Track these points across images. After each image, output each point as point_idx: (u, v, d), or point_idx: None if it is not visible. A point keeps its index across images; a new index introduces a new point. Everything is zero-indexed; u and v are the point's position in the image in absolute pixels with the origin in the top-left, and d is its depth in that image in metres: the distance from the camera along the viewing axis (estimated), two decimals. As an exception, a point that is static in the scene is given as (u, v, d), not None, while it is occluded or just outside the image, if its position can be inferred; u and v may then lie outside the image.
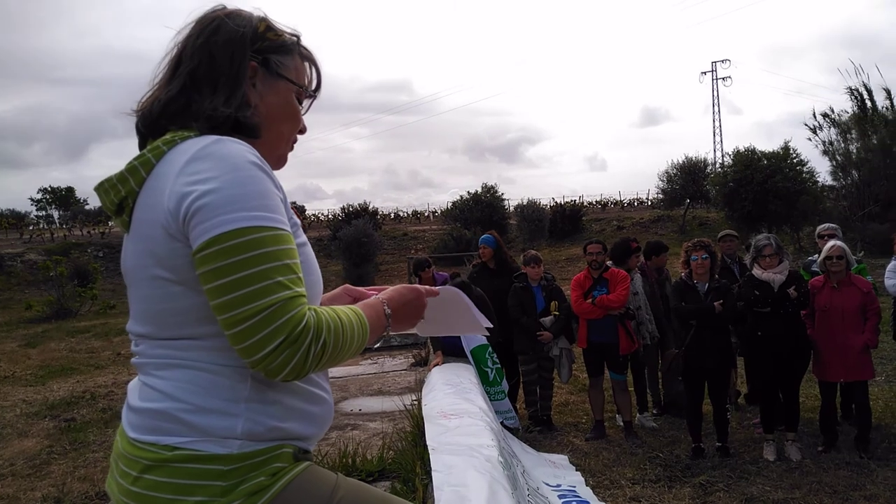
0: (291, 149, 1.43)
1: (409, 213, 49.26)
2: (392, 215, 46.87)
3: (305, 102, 1.42)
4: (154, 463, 1.14)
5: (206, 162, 1.14)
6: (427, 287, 1.47)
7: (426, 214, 48.29)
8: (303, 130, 1.43)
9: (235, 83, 1.28)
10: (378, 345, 8.08)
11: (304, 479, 1.22)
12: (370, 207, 37.30)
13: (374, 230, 30.31)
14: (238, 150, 1.17)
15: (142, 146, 1.29)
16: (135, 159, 1.24)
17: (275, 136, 1.35)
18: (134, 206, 1.23)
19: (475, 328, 1.60)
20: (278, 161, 1.39)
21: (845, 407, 5.79)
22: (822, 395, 5.32)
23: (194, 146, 1.17)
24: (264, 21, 1.34)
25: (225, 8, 1.33)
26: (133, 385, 1.27)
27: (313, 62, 1.42)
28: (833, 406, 5.34)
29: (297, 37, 1.38)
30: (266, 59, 1.32)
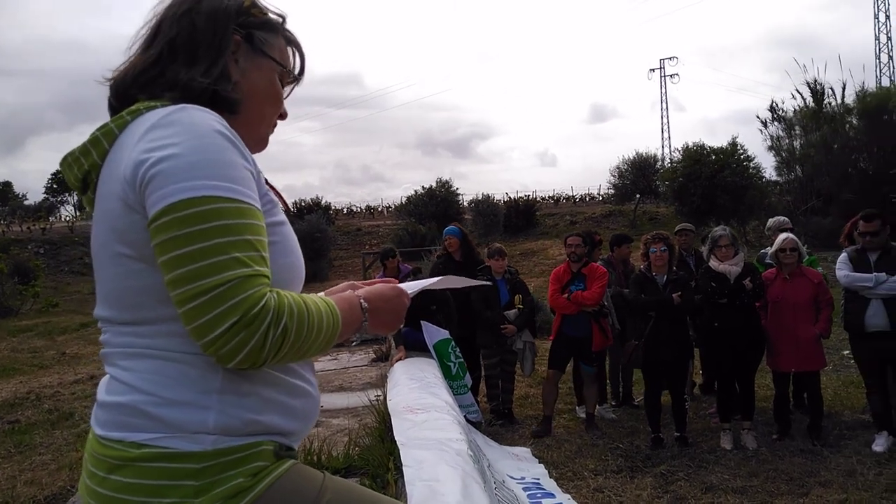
0: (271, 132, 1.37)
1: (363, 208, 48.96)
2: (345, 210, 46.51)
3: (287, 87, 1.37)
4: (121, 462, 1.06)
5: (168, 129, 1.07)
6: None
7: (380, 209, 48.05)
8: (283, 115, 1.37)
9: (216, 54, 1.21)
10: (355, 342, 8.00)
11: (288, 479, 1.15)
12: (322, 202, 36.95)
13: (328, 225, 30.03)
14: (203, 117, 1.10)
15: None
16: (97, 130, 1.17)
17: (256, 115, 1.28)
18: (98, 181, 1.16)
19: (469, 283, 1.82)
20: (259, 142, 1.33)
21: (797, 396, 5.96)
22: (776, 385, 5.45)
23: (158, 114, 1.10)
24: None
25: None
26: (103, 379, 1.19)
27: (297, 46, 1.36)
28: (786, 395, 5.49)
29: (283, 18, 1.33)
30: (250, 35, 1.26)
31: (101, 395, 1.16)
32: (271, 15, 1.31)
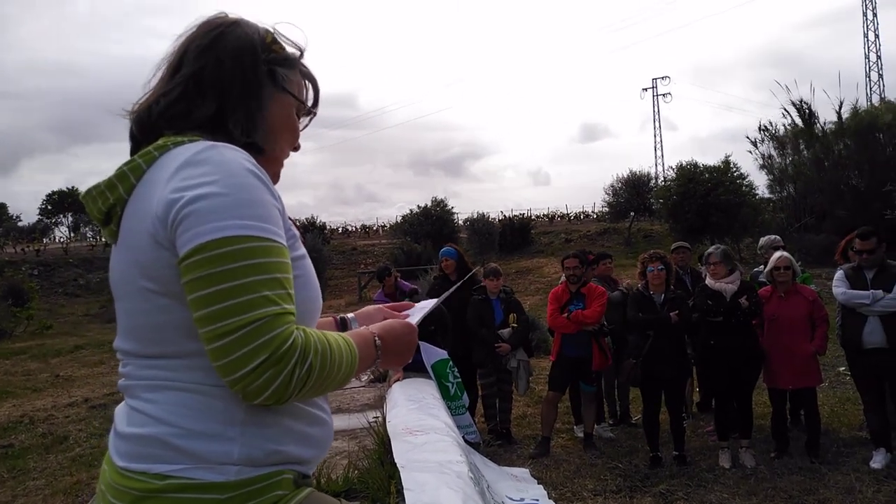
0: (283, 166, 1.39)
1: (358, 227, 48.90)
2: (340, 230, 46.44)
3: (303, 120, 1.39)
4: (145, 493, 1.07)
5: (200, 167, 1.08)
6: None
7: (375, 228, 48.03)
8: (297, 148, 1.39)
9: (253, 104, 1.24)
10: (365, 378, 7.99)
11: None
12: (318, 222, 36.94)
13: (323, 245, 30.01)
14: (234, 156, 1.12)
15: (134, 152, 1.22)
16: (124, 165, 1.18)
17: (277, 150, 1.31)
18: (122, 215, 1.17)
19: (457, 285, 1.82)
20: (273, 178, 1.35)
21: (794, 413, 5.96)
22: (773, 403, 5.47)
23: (188, 151, 1.12)
24: (270, 33, 1.30)
25: (228, 16, 1.28)
26: (120, 409, 1.20)
27: (312, 80, 1.38)
28: (783, 413, 5.49)
29: (301, 52, 1.35)
30: (272, 71, 1.28)
31: (120, 427, 1.16)
32: (290, 49, 1.33)
